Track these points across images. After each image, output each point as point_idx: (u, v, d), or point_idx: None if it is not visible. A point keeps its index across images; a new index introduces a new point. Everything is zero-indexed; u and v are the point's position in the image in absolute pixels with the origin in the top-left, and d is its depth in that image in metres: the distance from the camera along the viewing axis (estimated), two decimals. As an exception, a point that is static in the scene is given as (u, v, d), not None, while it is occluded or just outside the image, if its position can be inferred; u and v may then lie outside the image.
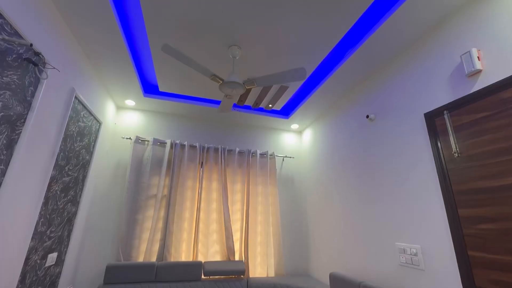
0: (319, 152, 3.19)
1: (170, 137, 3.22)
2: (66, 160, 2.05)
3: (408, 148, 1.88)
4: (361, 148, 2.40)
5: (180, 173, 2.99)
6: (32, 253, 1.74)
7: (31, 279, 1.77)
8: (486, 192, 1.36)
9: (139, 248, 2.68)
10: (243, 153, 3.32)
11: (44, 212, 1.83)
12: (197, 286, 2.53)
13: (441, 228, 1.57)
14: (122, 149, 3.00)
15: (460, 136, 1.52)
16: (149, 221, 2.79)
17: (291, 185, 3.49)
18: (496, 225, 1.30)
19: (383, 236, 2.01)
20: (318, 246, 3.00)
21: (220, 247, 2.91)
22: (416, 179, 1.78)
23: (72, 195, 2.23)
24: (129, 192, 2.77)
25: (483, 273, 1.33)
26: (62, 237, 2.14)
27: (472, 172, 1.44)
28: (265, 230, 3.06)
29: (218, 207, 3.03)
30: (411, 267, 1.73)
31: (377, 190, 2.14)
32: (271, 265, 2.95)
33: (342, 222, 2.57)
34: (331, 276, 2.27)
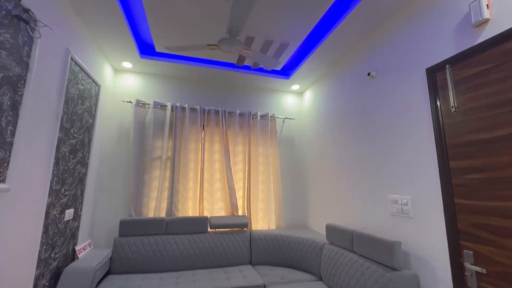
0: (319, 113, 3.20)
1: (170, 100, 3.22)
2: (70, 123, 2.10)
3: (407, 105, 1.89)
4: (361, 107, 2.41)
5: (182, 136, 3.06)
6: (50, 208, 1.89)
7: (53, 231, 1.94)
8: (478, 145, 1.41)
9: (148, 205, 2.87)
10: (243, 115, 3.34)
11: (56, 172, 1.93)
12: (204, 237, 2.76)
13: (432, 180, 1.66)
14: (123, 113, 3.03)
15: (459, 90, 1.52)
16: (156, 181, 2.93)
17: (291, 145, 3.57)
18: (483, 174, 1.38)
19: (377, 190, 2.13)
20: (316, 202, 3.19)
21: (224, 204, 3.11)
22: (413, 135, 1.82)
23: (80, 156, 2.33)
24: (134, 154, 2.87)
25: (466, 218, 1.45)
26: (76, 195, 2.29)
27: (467, 126, 1.47)
28: (266, 188, 3.23)
29: (220, 168, 3.16)
30: (401, 216, 1.87)
31: (374, 147, 2.20)
32: (272, 219, 3.18)
33: (339, 179, 2.70)
34: (327, 227, 2.46)
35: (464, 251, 1.44)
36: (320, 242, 2.56)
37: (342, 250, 2.20)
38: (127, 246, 2.52)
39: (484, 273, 1.34)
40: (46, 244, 1.86)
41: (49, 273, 1.92)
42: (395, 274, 1.66)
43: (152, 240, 2.61)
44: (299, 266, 2.64)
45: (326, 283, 2.27)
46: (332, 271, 2.20)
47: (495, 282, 1.30)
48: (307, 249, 2.61)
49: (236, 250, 2.77)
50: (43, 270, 1.84)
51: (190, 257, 2.63)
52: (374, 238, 1.87)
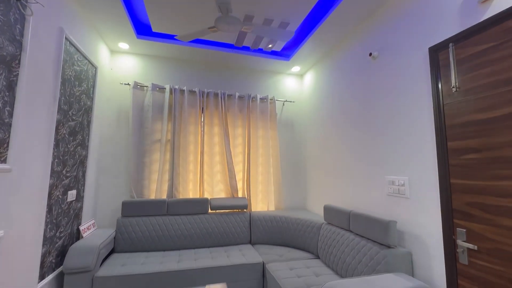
0: (320, 95, 3.17)
1: (168, 82, 3.17)
2: (68, 105, 2.09)
3: (408, 86, 1.86)
4: (362, 89, 2.38)
5: (181, 119, 3.05)
6: (53, 189, 1.92)
7: (57, 211, 1.99)
8: (476, 125, 1.41)
9: (149, 187, 2.91)
10: (243, 97, 3.31)
11: (57, 153, 1.95)
12: (205, 218, 2.83)
13: (429, 161, 1.67)
14: (122, 95, 3.00)
15: (461, 70, 1.50)
16: (156, 163, 2.96)
17: (291, 129, 3.57)
18: (480, 154, 1.38)
19: (375, 171, 2.16)
20: (314, 184, 3.23)
21: (224, 186, 3.15)
22: (412, 116, 1.81)
23: (80, 139, 2.34)
24: (134, 137, 2.88)
25: (461, 197, 1.47)
26: (78, 177, 2.32)
27: (467, 106, 1.46)
28: (266, 171, 3.26)
29: (220, 150, 3.17)
30: (398, 196, 1.90)
31: (373, 129, 2.20)
32: (272, 201, 3.24)
33: (337, 161, 2.72)
34: (325, 208, 2.51)
35: (457, 229, 1.48)
36: (318, 223, 2.62)
37: (339, 229, 2.26)
38: (130, 226, 2.59)
39: (475, 249, 1.38)
40: (51, 223, 1.91)
41: (55, 250, 1.99)
42: (389, 251, 1.72)
43: (154, 221, 2.68)
44: (297, 245, 2.73)
45: (323, 261, 2.35)
46: (329, 249, 2.27)
47: (485, 258, 1.34)
48: (305, 229, 2.68)
49: (236, 230, 2.85)
50: (49, 248, 1.91)
51: (191, 236, 2.71)
52: (370, 217, 1.92)
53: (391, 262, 1.68)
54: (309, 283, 1.93)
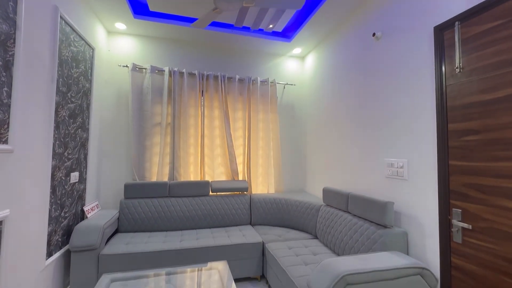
0: (321, 78, 3.12)
1: (167, 64, 3.12)
2: (66, 86, 2.07)
3: (411, 67, 1.82)
4: (364, 71, 2.33)
5: (181, 102, 3.03)
6: (56, 171, 1.95)
7: (61, 192, 2.03)
8: (478, 106, 1.39)
9: (150, 170, 2.95)
10: (243, 80, 3.27)
11: (57, 135, 1.96)
12: (206, 200, 2.88)
13: (429, 143, 1.67)
14: (121, 78, 2.97)
15: (466, 49, 1.46)
16: (157, 146, 2.98)
17: (291, 112, 3.55)
18: (480, 136, 1.38)
19: (375, 154, 2.17)
20: (314, 167, 3.26)
21: (225, 169, 3.19)
22: (414, 98, 1.79)
23: (80, 121, 2.34)
24: (134, 120, 2.87)
25: (458, 178, 1.48)
26: (80, 159, 2.34)
27: (469, 87, 1.44)
28: (266, 154, 3.28)
29: (221, 134, 3.18)
30: (396, 178, 1.92)
31: (374, 111, 2.18)
32: (272, 183, 3.28)
33: (337, 144, 2.72)
34: (324, 190, 2.55)
35: (453, 209, 1.50)
36: (316, 204, 2.67)
37: (338, 211, 2.31)
38: (133, 208, 2.65)
39: (470, 228, 1.41)
40: (55, 204, 1.96)
41: (61, 230, 2.05)
42: (385, 231, 1.76)
43: (156, 202, 2.73)
44: (296, 226, 2.79)
45: (321, 241, 2.42)
46: (327, 229, 2.33)
47: (478, 236, 1.37)
48: (304, 211, 2.74)
49: (236, 212, 2.91)
50: (55, 227, 1.97)
51: (193, 218, 2.78)
52: (368, 199, 1.95)
53: (387, 241, 1.73)
54: (307, 261, 1.99)
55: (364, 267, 1.44)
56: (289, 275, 1.79)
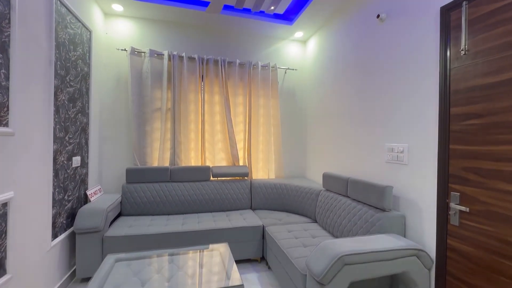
0: (323, 62, 3.07)
1: (166, 48, 3.06)
2: (65, 70, 2.04)
3: (415, 50, 1.78)
4: (367, 54, 2.29)
5: (181, 87, 3.00)
6: (57, 155, 1.96)
7: (63, 175, 2.05)
8: (482, 89, 1.37)
9: (151, 155, 2.96)
10: (244, 65, 3.21)
11: (58, 120, 1.95)
12: (207, 185, 2.92)
13: (430, 127, 1.66)
14: (119, 62, 2.92)
15: (472, 30, 1.42)
16: (158, 132, 2.98)
17: (292, 97, 3.51)
18: (482, 120, 1.37)
19: (376, 139, 2.16)
20: (314, 153, 3.27)
21: (226, 155, 3.20)
22: (417, 82, 1.77)
23: (80, 106, 2.33)
24: (134, 105, 2.86)
25: (458, 162, 1.49)
26: (81, 143, 2.35)
27: (474, 70, 1.41)
28: (266, 140, 3.28)
29: (221, 119, 3.16)
30: (396, 163, 1.93)
31: (377, 96, 2.16)
32: (272, 169, 3.30)
33: (338, 130, 2.71)
34: (324, 175, 2.57)
35: (451, 193, 1.52)
36: (316, 189, 2.70)
37: (337, 195, 2.33)
38: (135, 192, 2.69)
39: (467, 211, 1.43)
40: (58, 187, 1.98)
41: (65, 212, 2.10)
42: (383, 214, 1.79)
43: (158, 187, 2.77)
44: (296, 211, 2.84)
45: (320, 224, 2.46)
46: (326, 213, 2.37)
47: (475, 219, 1.39)
48: (304, 196, 2.77)
49: (237, 197, 2.95)
50: (59, 209, 2.00)
51: (194, 202, 2.82)
52: (367, 183, 1.97)
53: (384, 224, 1.76)
54: (306, 243, 2.04)
55: (361, 248, 1.47)
56: (288, 256, 1.84)
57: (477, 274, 1.38)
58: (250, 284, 2.18)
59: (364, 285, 1.68)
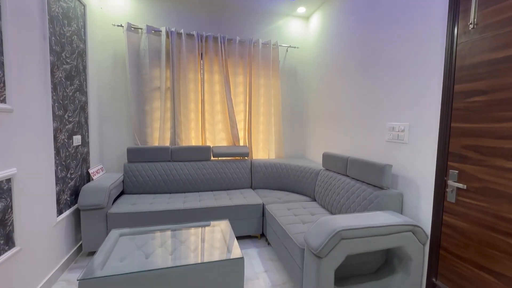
0: (325, 39, 2.97)
1: (164, 24, 2.96)
2: (60, 46, 1.99)
3: (421, 25, 1.72)
4: (371, 30, 2.21)
5: (180, 65, 2.93)
6: (58, 133, 1.96)
7: (65, 154, 2.07)
8: (488, 65, 1.34)
9: (152, 135, 2.96)
10: (244, 42, 3.12)
11: (56, 97, 1.93)
12: (208, 164, 2.94)
13: (432, 105, 1.64)
14: (116, 39, 2.84)
15: (483, 2, 1.36)
16: (157, 111, 2.96)
17: (293, 77, 3.45)
18: (487, 97, 1.35)
19: (377, 118, 2.14)
20: (315, 133, 3.26)
21: (226, 135, 3.20)
22: (421, 59, 1.72)
23: (78, 84, 2.29)
24: (132, 84, 2.81)
25: (458, 140, 1.48)
26: (81, 122, 2.35)
27: (481, 45, 1.37)
28: (267, 120, 3.26)
29: (221, 99, 3.13)
30: (396, 142, 1.93)
31: (380, 74, 2.11)
32: (272, 149, 3.32)
33: (339, 110, 2.69)
34: (324, 155, 2.58)
35: (450, 171, 1.53)
36: (316, 169, 2.72)
37: (336, 174, 2.36)
38: (136, 171, 2.72)
39: (465, 188, 1.45)
40: (61, 165, 2.00)
41: (69, 190, 2.14)
42: (381, 192, 1.81)
43: (159, 166, 2.80)
44: (295, 190, 2.88)
45: (319, 203, 2.51)
46: (325, 192, 2.40)
47: (472, 196, 1.41)
48: (304, 175, 2.80)
49: (238, 176, 2.99)
50: (63, 187, 2.04)
51: (195, 181, 2.86)
52: (367, 162, 1.98)
53: (382, 202, 1.79)
54: (304, 220, 2.09)
55: (358, 224, 1.51)
56: (288, 232, 1.90)
57: (470, 248, 1.43)
58: (250, 258, 2.26)
59: (360, 258, 1.74)
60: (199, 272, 1.45)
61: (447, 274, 1.55)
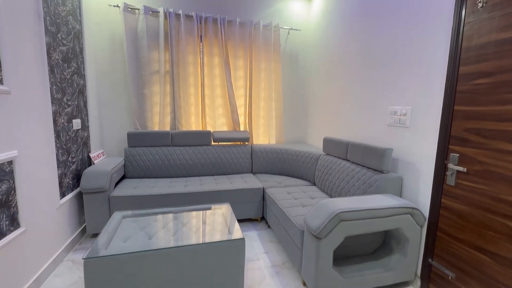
0: (328, 22, 2.88)
1: (162, 4, 2.86)
2: (55, 26, 1.94)
3: (428, 4, 1.66)
4: (376, 12, 2.14)
5: (179, 48, 2.86)
6: (57, 116, 1.95)
7: (65, 137, 2.06)
8: (495, 45, 1.30)
9: (152, 120, 2.94)
10: (244, 24, 3.03)
11: (53, 80, 1.90)
12: (209, 149, 2.95)
13: (436, 88, 1.61)
14: (113, 20, 2.75)
15: (494, -21, 1.30)
16: (157, 96, 2.92)
17: (295, 61, 3.38)
18: (491, 79, 1.32)
19: (379, 102, 2.12)
20: (316, 118, 3.24)
21: (226, 120, 3.18)
22: (425, 41, 1.67)
23: (75, 67, 2.25)
24: (130, 67, 2.76)
25: (461, 123, 1.47)
26: (80, 106, 2.32)
27: (489, 25, 1.33)
28: (267, 105, 3.23)
29: (221, 83, 3.08)
30: (397, 126, 1.92)
31: (383, 58, 2.06)
32: (273, 135, 3.31)
33: (342, 94, 2.65)
34: (324, 140, 2.58)
35: (451, 154, 1.53)
36: (316, 154, 2.73)
37: (337, 159, 2.37)
38: (137, 156, 2.73)
39: (464, 171, 1.46)
40: (61, 148, 2.01)
41: (71, 173, 2.15)
42: (381, 176, 1.83)
43: (160, 151, 2.80)
44: (295, 175, 2.90)
45: (319, 187, 2.54)
46: (325, 177, 2.42)
47: (472, 179, 1.42)
48: (304, 160, 2.82)
49: (238, 161, 3.00)
50: (65, 170, 2.05)
51: (196, 166, 2.88)
52: (367, 146, 1.98)
53: (381, 185, 1.81)
54: (304, 203, 2.12)
55: (357, 206, 1.53)
56: (288, 214, 1.93)
57: (466, 229, 1.45)
58: (251, 240, 2.32)
59: (358, 239, 1.78)
60: (202, 252, 1.48)
61: (443, 254, 1.59)
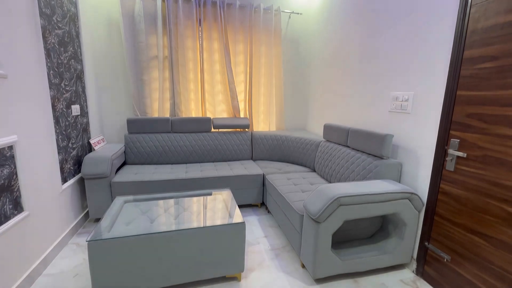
0: (332, 6, 2.80)
1: (159, -14, 2.77)
2: (50, 8, 1.88)
3: (435, -16, 1.60)
4: (380, -8, 2.07)
5: (178, 32, 2.80)
6: (55, 102, 1.93)
7: (64, 123, 2.06)
8: (502, 28, 1.27)
9: (151, 106, 2.92)
10: (244, 7, 2.95)
11: (50, 65, 1.87)
12: (208, 136, 2.94)
13: (439, 73, 1.59)
14: (109, 3, 2.68)
15: (504, -43, 1.25)
16: (156, 82, 2.88)
17: (296, 46, 3.31)
18: (496, 62, 1.30)
19: (381, 88, 2.10)
20: (316, 105, 3.22)
21: (226, 106, 3.16)
22: (430, 25, 1.63)
23: (72, 51, 2.21)
24: (128, 53, 2.71)
25: (463, 109, 1.46)
26: (78, 91, 2.30)
27: (497, 6, 1.29)
28: (268, 91, 3.20)
29: (221, 69, 3.04)
30: (399, 112, 1.90)
31: (385, 42, 2.02)
32: (273, 121, 3.30)
33: (343, 81, 2.62)
34: (325, 126, 2.57)
35: (451, 139, 1.53)
36: (316, 140, 2.73)
37: (337, 145, 2.37)
38: (137, 142, 2.73)
39: (464, 157, 1.46)
40: (61, 134, 2.00)
41: (71, 159, 2.16)
42: (381, 162, 1.83)
43: (160, 137, 2.80)
44: (295, 161, 2.92)
45: (319, 173, 2.55)
46: (325, 163, 2.43)
47: (471, 164, 1.43)
48: (304, 147, 2.82)
49: (238, 148, 3.01)
50: (65, 156, 2.06)
51: (196, 152, 2.88)
52: (368, 132, 1.97)
53: (381, 171, 1.82)
54: (304, 189, 2.14)
55: (356, 191, 1.54)
56: (287, 199, 1.95)
57: (463, 214, 1.47)
58: (251, 225, 2.36)
59: (356, 223, 1.81)
60: (203, 236, 1.51)
61: (439, 238, 1.62)
